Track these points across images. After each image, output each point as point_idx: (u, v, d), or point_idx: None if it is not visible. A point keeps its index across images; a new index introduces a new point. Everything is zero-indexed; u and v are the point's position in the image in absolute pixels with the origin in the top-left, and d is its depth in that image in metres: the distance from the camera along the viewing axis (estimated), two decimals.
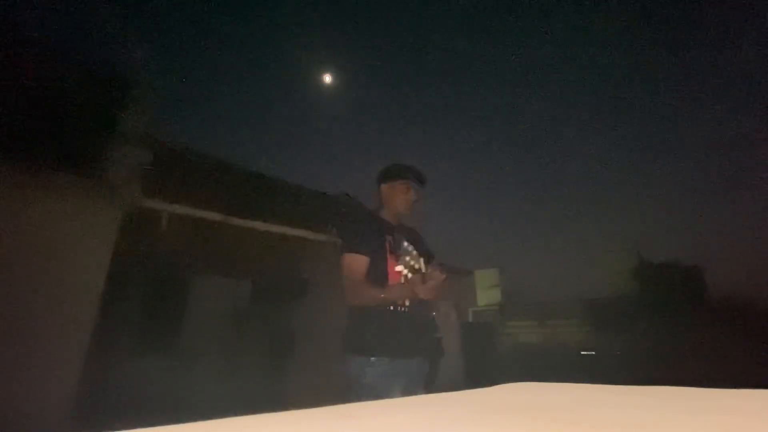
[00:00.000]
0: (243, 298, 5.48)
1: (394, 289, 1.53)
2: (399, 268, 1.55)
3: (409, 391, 1.51)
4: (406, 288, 1.51)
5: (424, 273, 1.49)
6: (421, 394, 1.44)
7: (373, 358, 1.51)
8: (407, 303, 1.56)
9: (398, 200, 1.75)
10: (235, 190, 5.22)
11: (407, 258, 1.52)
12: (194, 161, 4.99)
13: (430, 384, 1.63)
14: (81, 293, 3.34)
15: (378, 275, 1.55)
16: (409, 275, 1.52)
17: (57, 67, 3.67)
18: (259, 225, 5.04)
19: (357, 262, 1.55)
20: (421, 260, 1.58)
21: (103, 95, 3.80)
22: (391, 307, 1.54)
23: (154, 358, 4.50)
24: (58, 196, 3.30)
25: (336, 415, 0.60)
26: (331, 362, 1.62)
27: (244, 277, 5.43)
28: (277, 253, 5.24)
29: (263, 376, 4.84)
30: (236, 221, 4.78)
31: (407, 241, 1.65)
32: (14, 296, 2.96)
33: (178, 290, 4.97)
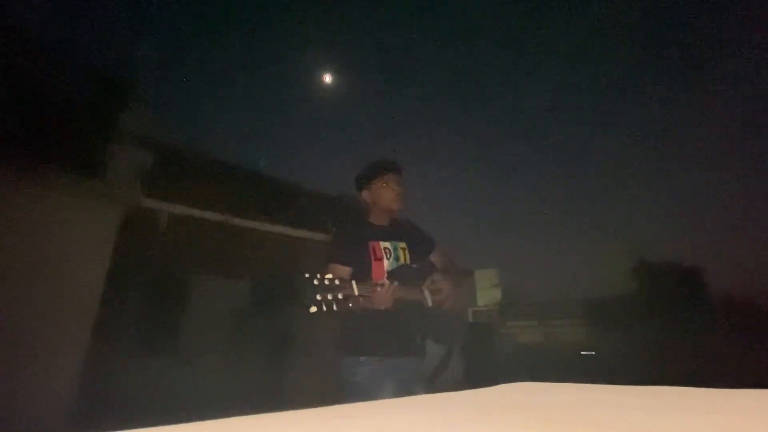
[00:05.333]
0: (243, 298, 5.48)
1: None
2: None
3: (401, 390, 1.50)
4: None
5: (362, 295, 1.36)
6: (416, 393, 1.43)
7: (362, 358, 1.52)
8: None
9: (385, 198, 1.71)
10: (235, 190, 5.22)
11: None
12: (194, 161, 5.00)
13: (445, 367, 1.64)
14: (81, 293, 3.34)
15: None
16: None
17: (57, 67, 3.67)
18: (259, 225, 5.04)
19: (339, 273, 1.54)
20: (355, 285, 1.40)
21: (103, 95, 3.80)
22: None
23: (154, 358, 4.50)
24: (58, 196, 3.30)
25: (335, 415, 0.60)
26: (327, 363, 1.63)
27: (244, 277, 5.42)
28: (277, 253, 5.24)
29: (263, 376, 4.84)
30: (236, 221, 4.78)
31: (398, 239, 1.67)
32: (14, 296, 2.96)
33: (178, 290, 4.97)
